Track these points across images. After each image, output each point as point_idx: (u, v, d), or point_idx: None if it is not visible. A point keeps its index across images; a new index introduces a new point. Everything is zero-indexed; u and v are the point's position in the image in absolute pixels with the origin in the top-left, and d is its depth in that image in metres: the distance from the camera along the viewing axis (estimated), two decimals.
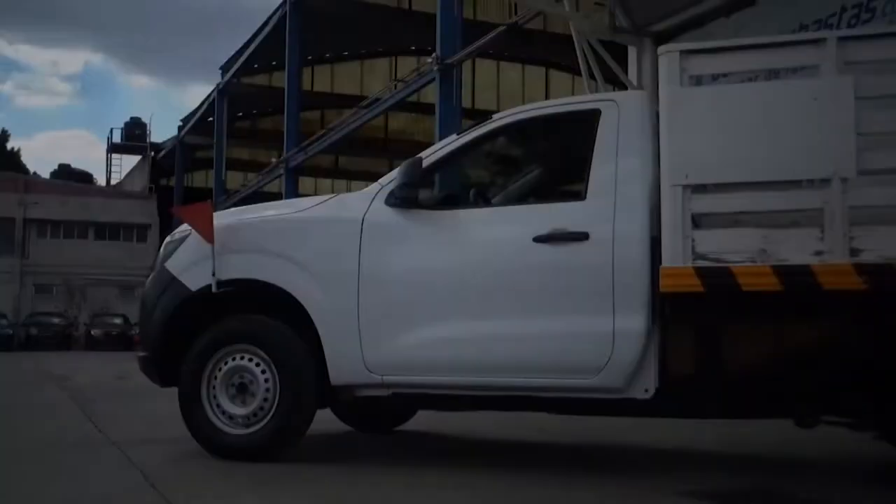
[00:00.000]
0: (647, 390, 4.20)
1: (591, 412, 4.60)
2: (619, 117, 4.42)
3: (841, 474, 4.80)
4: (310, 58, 31.49)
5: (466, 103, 26.80)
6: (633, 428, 6.23)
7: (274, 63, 31.24)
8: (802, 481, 4.33)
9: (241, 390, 4.70)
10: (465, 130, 4.74)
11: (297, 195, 20.59)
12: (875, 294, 3.89)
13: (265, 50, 28.32)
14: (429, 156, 4.67)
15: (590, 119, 4.47)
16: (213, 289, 4.79)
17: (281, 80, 27.69)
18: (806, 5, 8.69)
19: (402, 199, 4.55)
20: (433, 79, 14.54)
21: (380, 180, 4.80)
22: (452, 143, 4.71)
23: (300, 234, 4.79)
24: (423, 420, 6.20)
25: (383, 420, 6.16)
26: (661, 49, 4.27)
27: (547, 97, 29.71)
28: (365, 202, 4.71)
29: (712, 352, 4.21)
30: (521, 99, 31.61)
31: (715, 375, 4.19)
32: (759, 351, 4.17)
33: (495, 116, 4.74)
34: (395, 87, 19.74)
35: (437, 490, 4.02)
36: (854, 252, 3.90)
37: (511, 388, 4.42)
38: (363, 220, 4.63)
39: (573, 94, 20.90)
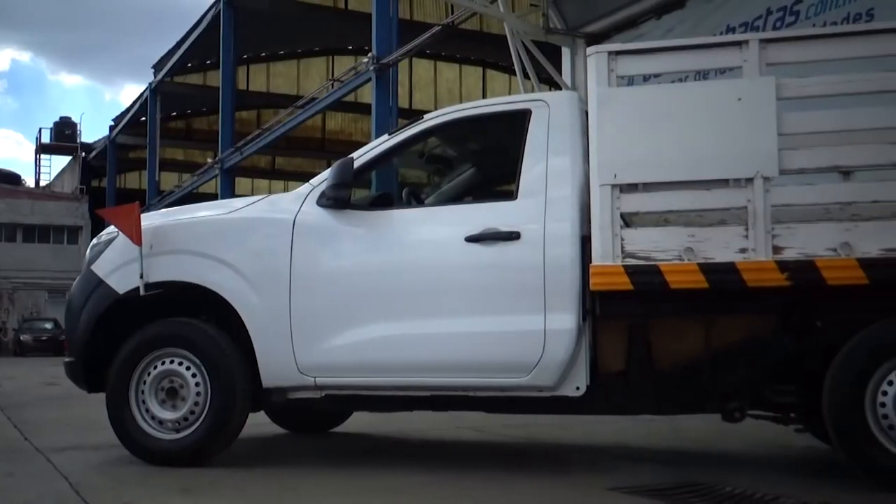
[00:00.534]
0: (578, 388, 4.24)
1: (523, 410, 4.63)
2: (550, 117, 4.45)
3: (767, 466, 4.92)
4: (245, 57, 31.14)
5: (404, 103, 26.80)
6: (567, 425, 6.30)
7: (208, 62, 30.78)
8: (729, 474, 4.42)
9: (171, 394, 4.62)
10: (397, 130, 4.74)
11: (233, 196, 20.32)
12: (797, 290, 3.99)
13: (199, 48, 27.88)
14: (360, 156, 4.65)
15: (520, 119, 4.50)
16: (141, 291, 4.70)
17: (216, 79, 27.33)
18: (733, 8, 8.90)
19: (334, 200, 4.52)
20: (369, 79, 14.50)
21: (311, 181, 4.77)
22: (384, 143, 4.70)
23: (230, 235, 4.73)
24: (359, 421, 6.18)
25: (319, 422, 6.12)
26: (590, 50, 4.33)
27: (484, 97, 29.83)
28: (296, 203, 4.67)
29: (642, 349, 4.28)
30: (458, 99, 31.73)
31: (645, 372, 4.26)
32: (688, 347, 4.25)
33: (427, 116, 4.74)
34: (332, 87, 19.62)
35: (374, 494, 4.00)
36: (777, 249, 3.99)
37: (444, 388, 4.43)
38: (294, 220, 4.59)
39: (510, 94, 21.05)
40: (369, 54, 14.08)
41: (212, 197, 24.13)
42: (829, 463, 4.56)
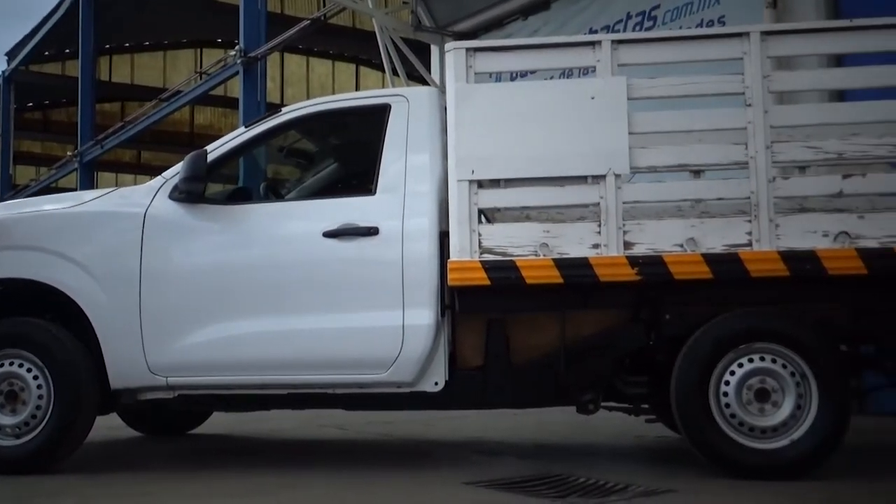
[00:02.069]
0: (437, 383, 4.25)
1: (383, 407, 4.60)
2: (409, 113, 4.44)
3: (621, 456, 5.08)
4: (108, 46, 29.88)
5: (275, 98, 26.36)
6: (431, 421, 6.32)
7: (67, 51, 29.38)
8: (584, 465, 4.52)
9: (11, 398, 4.36)
10: (254, 123, 4.63)
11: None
12: (646, 284, 4.12)
13: (57, 36, 26.55)
14: (214, 149, 4.52)
15: (380, 114, 4.47)
16: None
17: (75, 68, 26.12)
18: (595, 12, 9.12)
19: (187, 193, 4.37)
20: (237, 72, 14.14)
21: (164, 173, 4.60)
22: (240, 135, 4.58)
23: (76, 230, 4.51)
24: (221, 422, 6.01)
25: (176, 423, 5.93)
26: (448, 46, 4.34)
27: None
28: (148, 196, 4.50)
29: (500, 344, 4.33)
30: (330, 94, 31.35)
31: (502, 367, 4.31)
32: (544, 342, 4.33)
33: (285, 109, 4.66)
34: (199, 80, 19.07)
35: (233, 498, 3.88)
36: (628, 245, 4.10)
37: (302, 386, 4.36)
38: (145, 214, 4.42)
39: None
40: (236, 47, 13.73)
41: (72, 192, 23.06)
42: (680, 451, 4.72)
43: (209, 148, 4.52)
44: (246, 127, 4.63)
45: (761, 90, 4.09)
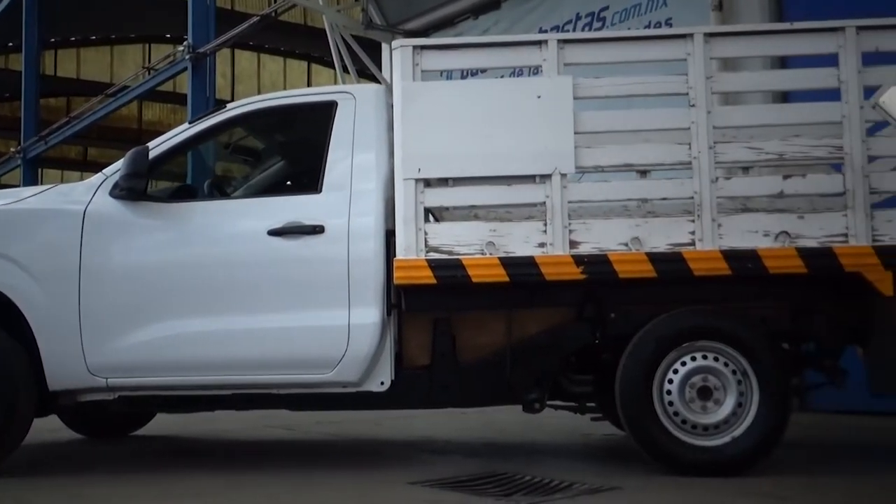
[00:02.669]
0: (382, 383, 4.23)
1: (328, 407, 4.56)
2: (356, 110, 4.41)
3: (568, 454, 5.11)
4: (53, 40, 29.31)
5: (225, 95, 26.07)
6: (380, 421, 6.29)
7: (10, 44, 28.73)
8: (531, 463, 4.54)
9: None
10: (198, 119, 4.55)
11: None
12: (591, 283, 4.14)
13: (0, 29, 25.98)
14: (157, 145, 4.44)
15: (326, 111, 4.44)
16: None
17: (19, 62, 25.53)
18: (545, 11, 9.16)
19: (128, 191, 4.28)
20: (185, 68, 13.95)
21: (104, 170, 4.51)
22: (183, 132, 4.50)
23: (14, 228, 4.39)
24: (166, 423, 5.91)
25: (118, 425, 5.81)
26: (395, 43, 4.31)
27: None
28: (87, 193, 4.40)
29: (446, 342, 4.32)
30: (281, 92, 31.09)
31: (449, 366, 4.30)
32: (490, 340, 4.33)
33: (230, 106, 4.59)
34: (147, 75, 18.75)
35: (173, 500, 3.81)
36: (573, 244, 4.12)
37: (246, 386, 4.31)
38: (85, 212, 4.32)
39: None
40: (185, 43, 13.55)
41: (13, 188, 22.53)
42: (626, 449, 4.75)
43: (151, 144, 4.43)
44: (190, 123, 4.55)
45: (705, 91, 4.13)
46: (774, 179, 4.18)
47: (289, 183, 5.11)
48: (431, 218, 4.53)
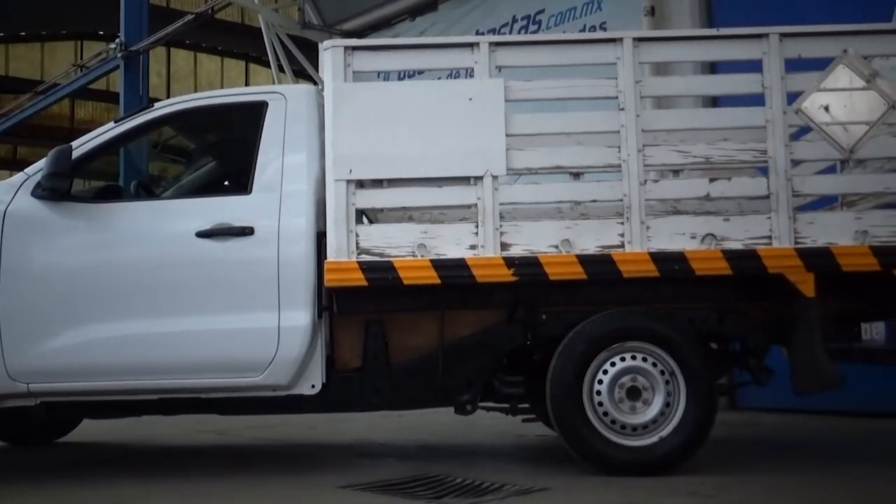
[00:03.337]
0: (313, 386, 4.20)
1: (258, 411, 4.51)
2: (287, 110, 4.37)
3: (500, 456, 5.12)
4: None
5: (161, 94, 25.61)
6: (315, 424, 6.24)
7: None
8: (464, 465, 4.54)
9: None
10: (124, 118, 4.46)
11: None
12: (524, 285, 4.16)
13: None
14: (81, 144, 4.33)
15: (256, 111, 4.38)
16: None
17: None
18: (482, 14, 9.19)
19: (50, 191, 4.17)
20: (117, 66, 13.67)
21: (26, 169, 4.39)
22: (108, 131, 4.40)
23: None
24: (94, 429, 5.77)
25: (42, 432, 5.66)
26: (326, 44, 4.28)
27: None
28: (8, 193, 4.27)
29: (378, 345, 4.29)
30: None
31: (381, 368, 4.28)
32: (422, 342, 4.31)
33: (157, 105, 4.50)
34: (79, 73, 18.34)
35: None
36: (504, 246, 4.13)
37: (174, 390, 4.22)
38: (5, 212, 4.20)
39: None
40: (117, 40, 13.28)
41: None
42: (558, 450, 4.78)
43: (75, 144, 4.33)
44: (115, 123, 4.45)
45: (634, 95, 4.18)
46: (701, 182, 4.25)
47: (218, 184, 5.03)
48: (366, 220, 4.51)
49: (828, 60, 4.25)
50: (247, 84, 33.81)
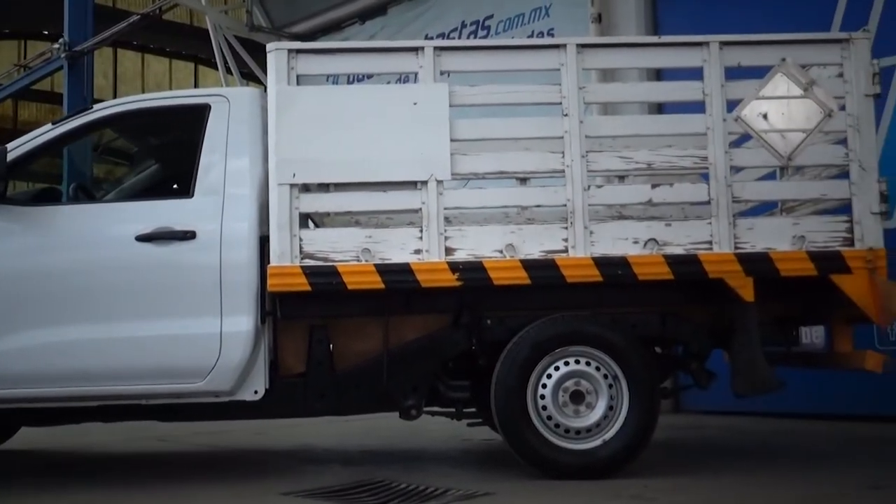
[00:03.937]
0: (256, 391, 4.15)
1: (201, 417, 4.44)
2: (230, 113, 4.32)
3: (446, 460, 5.12)
4: None
5: (107, 95, 25.18)
6: (261, 430, 6.17)
7: None
8: (409, 470, 4.53)
9: None
10: (62, 120, 4.37)
11: None
12: (468, 290, 4.16)
13: None
14: (16, 147, 4.24)
15: (199, 114, 4.33)
16: None
17: None
18: (431, 18, 9.20)
19: None
20: (61, 66, 13.43)
21: None
22: (45, 133, 4.31)
23: None
24: (33, 436, 5.64)
25: None
26: (270, 46, 4.24)
27: None
28: None
29: (322, 350, 4.26)
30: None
31: (325, 373, 4.25)
32: (367, 347, 4.30)
33: (97, 107, 4.43)
34: (22, 73, 17.96)
35: None
36: (449, 251, 4.12)
37: (114, 397, 4.15)
38: None
39: None
40: (60, 40, 13.04)
41: None
42: (504, 454, 4.79)
43: (10, 146, 4.23)
44: (53, 124, 4.36)
45: (577, 101, 4.21)
46: (644, 188, 4.29)
47: (160, 187, 4.95)
48: (313, 224, 4.47)
49: (767, 69, 4.32)
50: (196, 86, 33.42)
